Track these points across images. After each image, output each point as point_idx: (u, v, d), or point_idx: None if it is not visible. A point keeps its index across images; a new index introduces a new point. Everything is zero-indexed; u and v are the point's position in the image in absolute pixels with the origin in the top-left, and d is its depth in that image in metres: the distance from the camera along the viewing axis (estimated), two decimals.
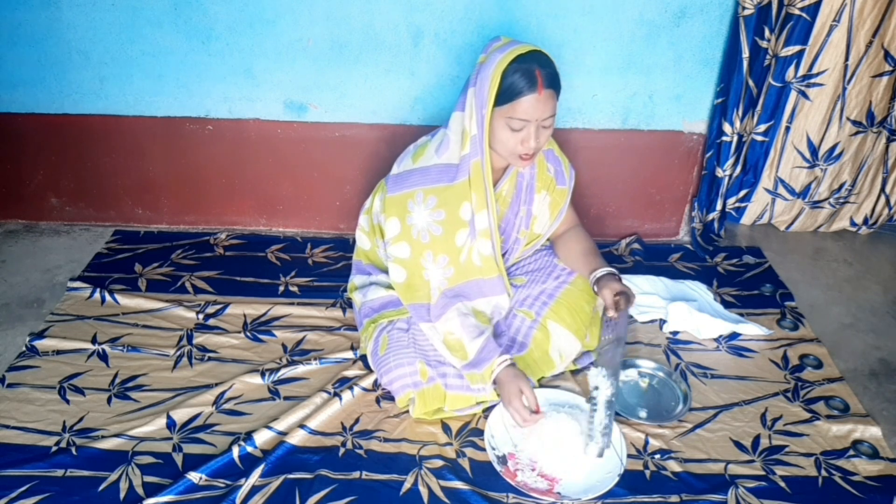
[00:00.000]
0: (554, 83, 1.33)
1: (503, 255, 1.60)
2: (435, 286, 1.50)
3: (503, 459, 1.42)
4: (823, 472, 1.41)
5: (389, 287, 1.61)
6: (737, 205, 2.20)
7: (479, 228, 1.48)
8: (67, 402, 1.56)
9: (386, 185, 1.52)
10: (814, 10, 1.82)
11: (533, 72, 1.29)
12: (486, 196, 1.44)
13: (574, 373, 1.64)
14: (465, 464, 1.42)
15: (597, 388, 1.40)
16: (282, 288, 1.94)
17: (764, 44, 1.82)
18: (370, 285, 1.65)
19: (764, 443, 1.48)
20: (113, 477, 1.38)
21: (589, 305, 1.67)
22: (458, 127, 1.41)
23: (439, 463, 1.41)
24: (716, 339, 1.76)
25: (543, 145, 1.41)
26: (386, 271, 1.64)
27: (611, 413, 1.39)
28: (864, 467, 1.42)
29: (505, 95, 1.31)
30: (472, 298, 1.54)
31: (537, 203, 1.59)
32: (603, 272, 1.52)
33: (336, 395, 1.55)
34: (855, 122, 2.00)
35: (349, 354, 1.68)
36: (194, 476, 1.36)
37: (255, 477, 1.36)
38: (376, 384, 1.59)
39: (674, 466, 1.42)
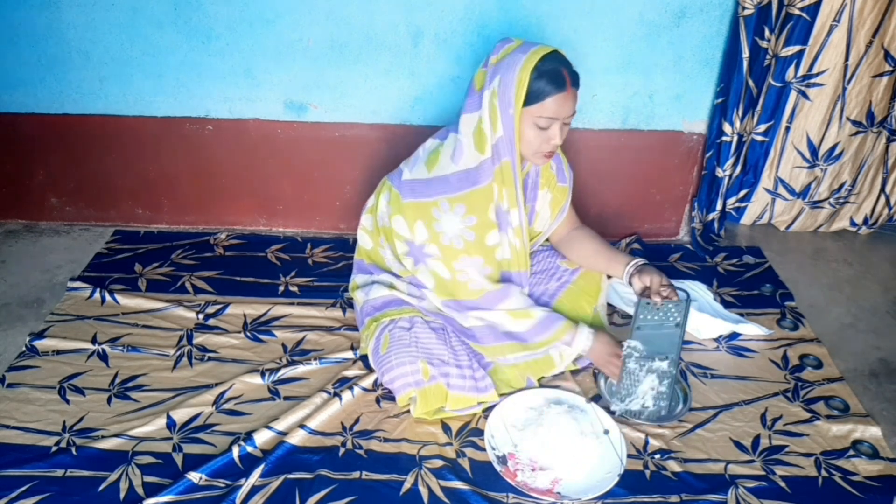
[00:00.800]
0: (577, 82, 1.38)
1: None
2: (478, 287, 1.51)
3: (503, 459, 1.42)
4: (823, 472, 1.41)
5: (391, 286, 1.61)
6: (737, 205, 2.20)
7: (514, 225, 1.50)
8: (67, 402, 1.56)
9: (398, 190, 1.50)
10: (814, 10, 1.82)
11: (560, 72, 1.33)
12: (516, 194, 1.46)
13: (574, 373, 1.64)
14: (465, 464, 1.42)
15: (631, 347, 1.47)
16: (282, 288, 1.94)
17: (764, 44, 1.82)
18: (372, 284, 1.65)
19: (764, 443, 1.48)
20: (113, 477, 1.38)
21: (590, 305, 1.67)
22: (469, 129, 1.41)
23: (439, 463, 1.41)
24: (716, 339, 1.76)
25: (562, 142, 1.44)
26: (388, 271, 1.64)
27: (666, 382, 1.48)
28: (864, 467, 1.42)
29: (533, 96, 1.33)
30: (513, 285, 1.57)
31: (540, 199, 1.60)
32: (640, 262, 1.55)
33: (336, 395, 1.55)
34: (855, 122, 2.00)
35: (349, 354, 1.68)
36: (194, 476, 1.36)
37: (255, 477, 1.36)
38: (376, 384, 1.59)
39: (674, 466, 1.42)
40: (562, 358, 1.59)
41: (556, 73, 1.33)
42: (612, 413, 1.49)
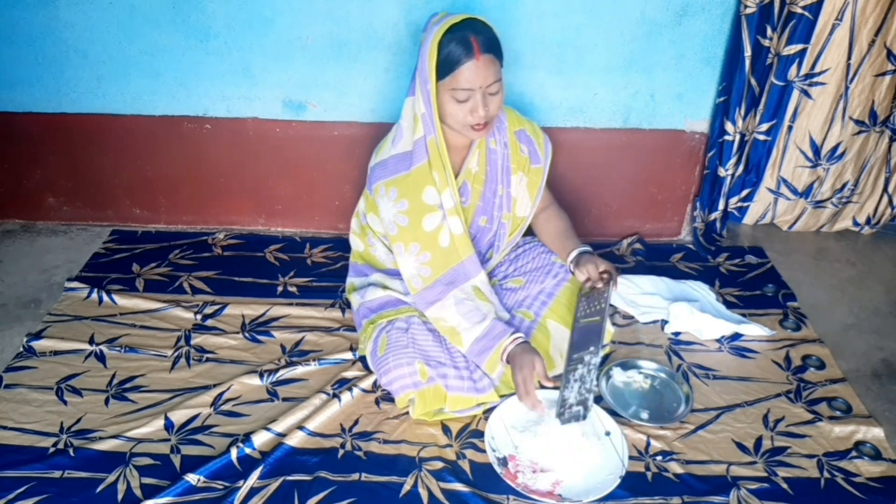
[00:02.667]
0: (492, 48, 1.32)
1: (493, 245, 1.60)
2: (413, 274, 1.47)
3: (504, 461, 1.41)
4: (826, 474, 1.40)
5: (386, 287, 1.60)
6: (739, 204, 2.19)
7: (447, 207, 1.45)
8: (65, 403, 1.55)
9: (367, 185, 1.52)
10: (816, 8, 1.81)
11: (468, 39, 1.28)
12: (445, 174, 1.42)
13: None
14: (466, 465, 1.41)
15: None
16: (280, 288, 1.93)
17: (766, 42, 1.81)
18: (368, 286, 1.64)
19: (766, 444, 1.47)
20: (111, 478, 1.37)
21: None
22: (409, 113, 1.41)
23: (439, 465, 1.41)
24: (718, 340, 1.75)
25: (496, 113, 1.39)
26: (383, 270, 1.63)
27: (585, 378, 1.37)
28: (867, 468, 1.42)
29: (444, 67, 1.29)
30: (460, 283, 1.50)
31: (514, 185, 1.57)
32: (580, 250, 1.53)
33: (335, 396, 1.54)
34: (857, 122, 1.99)
35: (348, 355, 1.67)
36: (192, 478, 1.35)
37: (253, 479, 1.36)
38: (375, 385, 1.58)
39: (675, 468, 1.41)
40: (562, 357, 1.57)
41: (463, 41, 1.27)
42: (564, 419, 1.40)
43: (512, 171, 1.55)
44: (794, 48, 1.88)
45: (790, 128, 2.03)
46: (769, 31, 1.80)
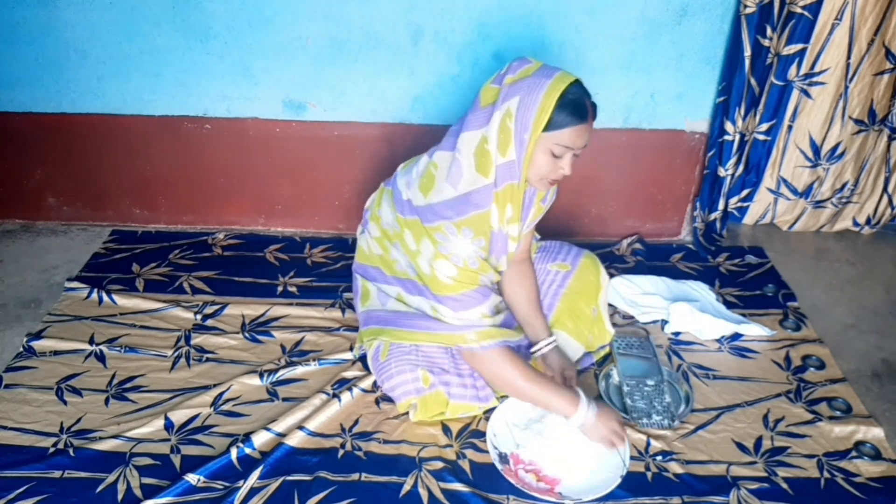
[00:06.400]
0: (596, 114, 1.34)
1: None
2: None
3: (505, 458, 1.41)
4: (826, 474, 1.40)
5: (399, 298, 1.55)
6: (739, 204, 2.19)
7: (514, 235, 1.44)
8: (65, 403, 1.55)
9: (398, 210, 1.44)
10: (815, 8, 1.81)
11: (584, 103, 1.29)
12: (521, 211, 1.41)
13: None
14: (466, 465, 1.41)
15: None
16: (280, 288, 1.93)
17: (766, 42, 1.81)
18: (388, 298, 1.58)
19: (766, 444, 1.47)
20: (111, 478, 1.37)
21: (588, 307, 1.66)
22: (472, 150, 1.33)
23: (439, 465, 1.40)
24: (718, 340, 1.75)
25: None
26: (397, 277, 1.55)
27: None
28: (867, 469, 1.42)
29: (554, 123, 1.27)
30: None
31: (531, 216, 1.53)
32: (550, 345, 1.56)
33: (335, 396, 1.54)
34: (857, 121, 1.99)
35: (348, 355, 1.67)
36: (192, 478, 1.35)
37: (253, 479, 1.36)
38: (375, 385, 1.58)
39: (675, 468, 1.41)
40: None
41: (579, 104, 1.28)
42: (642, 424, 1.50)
43: (534, 204, 1.51)
44: (794, 48, 1.88)
45: (790, 127, 2.03)
46: (769, 31, 1.80)
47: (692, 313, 1.75)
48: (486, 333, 1.41)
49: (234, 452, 1.41)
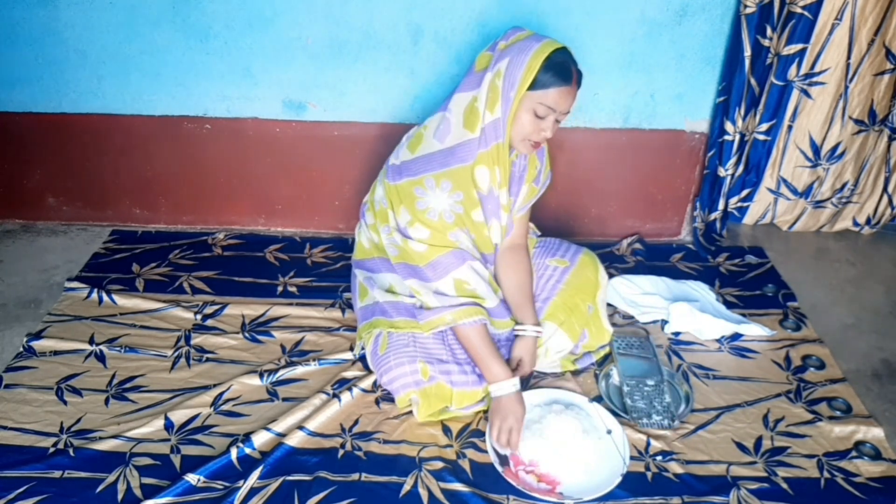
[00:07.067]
0: (580, 81, 1.39)
1: None
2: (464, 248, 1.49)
3: (504, 459, 1.41)
4: (826, 474, 1.40)
5: (391, 289, 1.57)
6: (739, 204, 2.19)
7: (503, 202, 1.48)
8: (65, 403, 1.55)
9: (388, 179, 1.49)
10: (815, 8, 1.81)
11: (570, 66, 1.36)
12: (507, 175, 1.45)
13: (575, 373, 1.63)
14: (466, 465, 1.41)
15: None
16: (280, 288, 1.93)
17: (766, 42, 1.81)
18: (384, 289, 1.60)
19: (766, 444, 1.47)
20: (111, 478, 1.37)
21: (584, 304, 1.65)
22: (461, 108, 1.41)
23: (439, 465, 1.40)
24: (718, 340, 1.75)
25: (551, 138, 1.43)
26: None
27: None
28: (867, 469, 1.42)
29: (539, 83, 1.33)
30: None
31: (522, 194, 1.57)
32: (528, 333, 1.54)
33: (335, 396, 1.54)
34: (857, 121, 1.99)
35: (348, 355, 1.67)
36: (192, 478, 1.35)
37: (253, 479, 1.36)
38: (375, 385, 1.58)
39: (675, 468, 1.41)
40: (547, 354, 1.58)
41: (565, 67, 1.35)
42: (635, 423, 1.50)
43: (525, 181, 1.56)
44: (794, 48, 1.88)
45: (790, 127, 2.03)
46: (769, 31, 1.80)
47: (692, 313, 1.75)
48: (465, 312, 1.45)
49: (234, 452, 1.41)
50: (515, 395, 1.44)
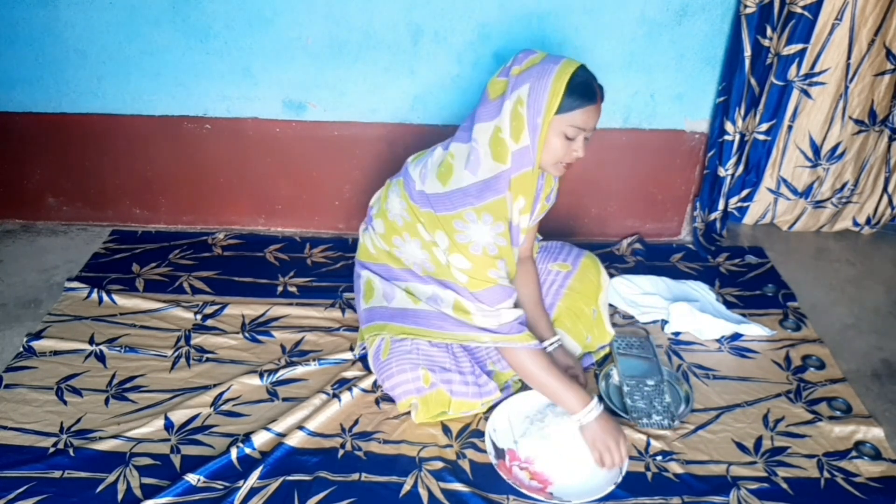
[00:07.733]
0: (604, 97, 1.37)
1: None
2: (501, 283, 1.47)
3: (501, 453, 1.41)
4: (826, 474, 1.40)
5: (407, 291, 1.55)
6: (739, 204, 2.19)
7: (524, 226, 1.47)
8: (65, 403, 1.55)
9: (414, 202, 1.43)
10: (816, 8, 1.81)
11: (592, 85, 1.33)
12: (533, 201, 1.44)
13: None
14: (466, 465, 1.41)
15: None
16: (280, 288, 1.93)
17: (766, 42, 1.81)
18: (394, 293, 1.58)
19: (766, 444, 1.47)
20: (111, 478, 1.37)
21: (588, 308, 1.66)
22: (486, 139, 1.36)
23: (439, 465, 1.40)
24: (718, 340, 1.75)
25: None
26: (406, 269, 1.56)
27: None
28: (867, 469, 1.42)
29: (565, 106, 1.30)
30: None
31: (538, 211, 1.56)
32: (554, 344, 1.56)
33: (335, 396, 1.54)
34: (857, 121, 1.99)
35: (348, 355, 1.67)
36: (192, 478, 1.35)
37: (253, 479, 1.36)
38: (375, 385, 1.58)
39: (675, 468, 1.41)
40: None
41: (588, 86, 1.32)
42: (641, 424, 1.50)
43: (540, 200, 1.53)
44: (794, 48, 1.88)
45: (790, 128, 2.03)
46: (769, 31, 1.80)
47: (692, 313, 1.75)
48: (530, 336, 1.44)
49: (234, 452, 1.41)
50: (602, 415, 1.39)
